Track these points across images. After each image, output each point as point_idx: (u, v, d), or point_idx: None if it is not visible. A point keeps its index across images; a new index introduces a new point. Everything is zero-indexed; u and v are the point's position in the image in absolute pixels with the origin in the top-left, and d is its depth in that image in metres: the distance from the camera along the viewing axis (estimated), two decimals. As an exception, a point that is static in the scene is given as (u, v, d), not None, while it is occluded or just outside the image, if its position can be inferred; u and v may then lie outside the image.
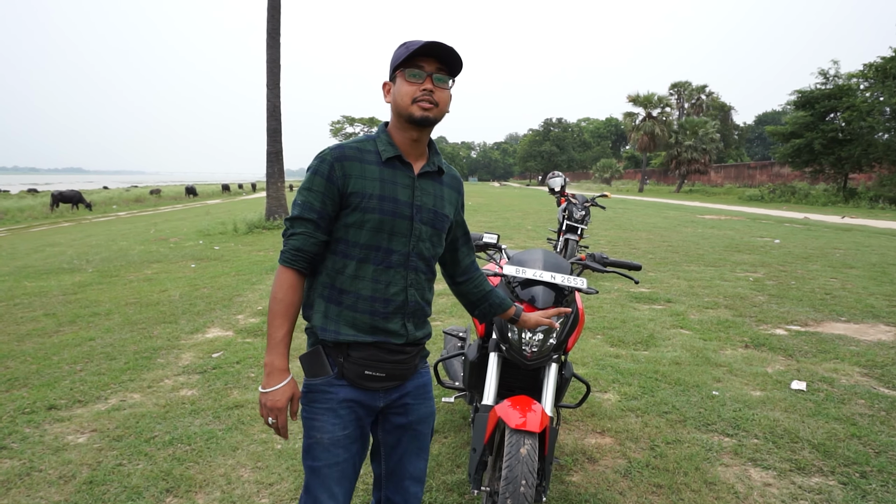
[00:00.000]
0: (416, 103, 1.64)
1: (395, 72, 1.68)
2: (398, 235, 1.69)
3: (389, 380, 1.76)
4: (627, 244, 12.37)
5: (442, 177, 1.83)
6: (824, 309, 6.52)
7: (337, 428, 1.71)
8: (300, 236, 1.66)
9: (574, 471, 3.13)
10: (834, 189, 31.06)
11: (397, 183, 1.70)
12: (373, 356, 1.71)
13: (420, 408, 1.87)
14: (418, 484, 1.92)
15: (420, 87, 1.64)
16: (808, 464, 3.17)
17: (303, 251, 1.66)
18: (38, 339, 5.55)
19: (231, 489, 2.92)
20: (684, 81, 63.10)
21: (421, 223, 1.73)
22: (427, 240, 1.75)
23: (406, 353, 1.77)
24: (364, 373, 1.71)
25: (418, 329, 1.79)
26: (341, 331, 1.68)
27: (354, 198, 1.65)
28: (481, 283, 2.05)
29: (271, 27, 15.72)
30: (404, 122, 1.69)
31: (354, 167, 1.66)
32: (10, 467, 3.14)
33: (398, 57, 1.66)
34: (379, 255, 1.68)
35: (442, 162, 1.83)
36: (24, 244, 14.35)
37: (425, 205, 1.74)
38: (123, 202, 37.11)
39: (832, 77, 31.28)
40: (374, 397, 1.76)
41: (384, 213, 1.66)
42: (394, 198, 1.68)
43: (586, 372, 4.57)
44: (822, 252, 10.95)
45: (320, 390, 1.72)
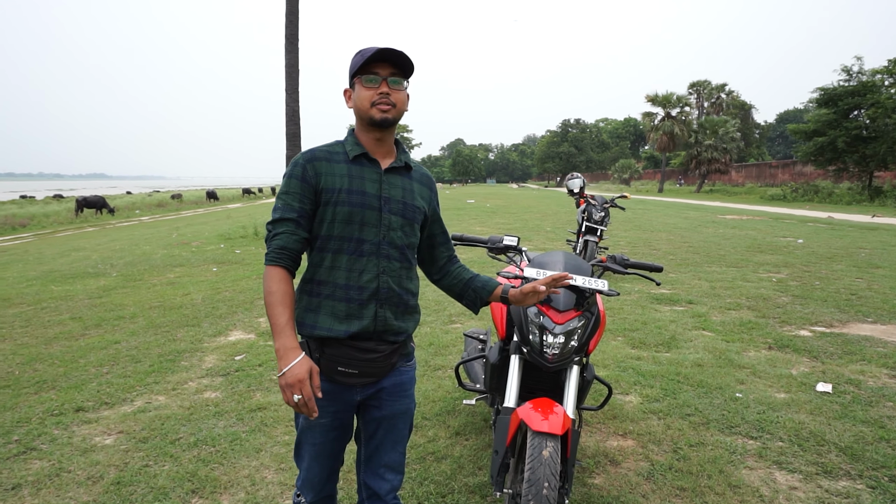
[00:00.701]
0: (374, 106, 1.78)
1: (354, 79, 1.82)
2: (368, 225, 1.81)
3: (362, 377, 1.85)
4: (647, 245, 12.28)
5: (410, 173, 1.94)
6: (850, 310, 6.42)
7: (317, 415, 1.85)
8: (283, 235, 1.78)
9: (596, 473, 3.12)
10: (858, 188, 30.53)
11: (365, 178, 1.83)
12: (345, 354, 1.81)
13: (395, 405, 1.95)
14: (394, 473, 2.00)
15: (377, 91, 1.77)
16: (835, 467, 3.12)
17: (287, 249, 1.78)
18: (66, 342, 5.66)
19: (255, 490, 2.96)
20: (703, 80, 62.46)
21: (390, 213, 1.84)
22: (398, 229, 1.85)
23: (378, 352, 1.85)
24: (337, 369, 1.82)
25: (397, 318, 1.87)
26: (318, 323, 1.80)
27: (325, 193, 1.79)
28: (460, 274, 2.11)
29: (289, 32, 15.85)
30: (366, 124, 1.82)
31: (324, 166, 1.81)
32: (39, 468, 3.20)
33: (354, 64, 1.79)
34: (351, 245, 1.80)
35: (410, 160, 1.95)
36: (50, 249, 14.63)
37: (394, 196, 1.86)
38: (146, 207, 37.65)
39: (856, 74, 30.75)
40: (350, 391, 1.88)
41: (353, 204, 1.79)
42: (361, 190, 1.81)
43: (608, 374, 4.54)
44: (847, 252, 10.77)
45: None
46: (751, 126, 64.11)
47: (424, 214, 1.96)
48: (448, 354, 5.06)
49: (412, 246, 1.93)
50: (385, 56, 1.76)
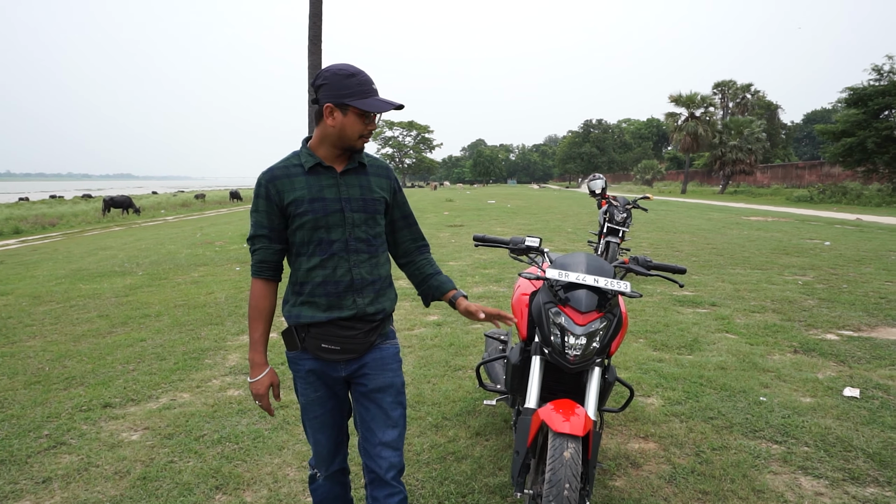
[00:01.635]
0: (361, 138, 1.97)
1: (349, 106, 1.91)
2: (334, 227, 1.98)
3: (344, 353, 2.04)
4: (670, 246, 12.16)
5: (366, 169, 2.09)
6: (878, 313, 6.29)
7: (309, 391, 2.11)
8: (260, 250, 2.03)
9: (618, 475, 3.10)
10: (889, 189, 29.84)
11: (323, 185, 1.99)
12: (327, 332, 2.01)
13: (378, 378, 2.09)
14: (391, 450, 2.09)
15: (367, 126, 1.96)
16: (862, 473, 3.07)
17: (266, 262, 2.04)
18: (93, 339, 5.77)
19: (278, 487, 2.99)
20: (728, 80, 61.61)
21: (352, 211, 2.01)
22: (362, 224, 2.03)
23: (356, 329, 2.03)
24: (321, 346, 2.02)
25: (371, 304, 2.05)
26: (301, 314, 2.02)
27: (291, 207, 1.96)
28: (423, 267, 2.28)
29: (313, 34, 15.98)
30: (339, 145, 1.98)
31: (284, 183, 1.97)
32: (69, 462, 3.28)
33: (352, 92, 1.90)
34: (322, 247, 1.99)
35: (364, 157, 2.09)
36: (78, 248, 14.92)
37: (353, 196, 2.02)
38: (171, 207, 38.21)
39: (887, 73, 30.10)
40: (335, 367, 2.07)
41: (316, 212, 1.96)
42: (321, 197, 1.97)
43: (629, 376, 4.51)
44: (877, 254, 10.56)
45: (293, 361, 2.11)
46: (777, 126, 63.09)
47: (385, 203, 2.12)
48: (469, 355, 5.07)
49: (378, 235, 2.10)
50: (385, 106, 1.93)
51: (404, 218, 2.25)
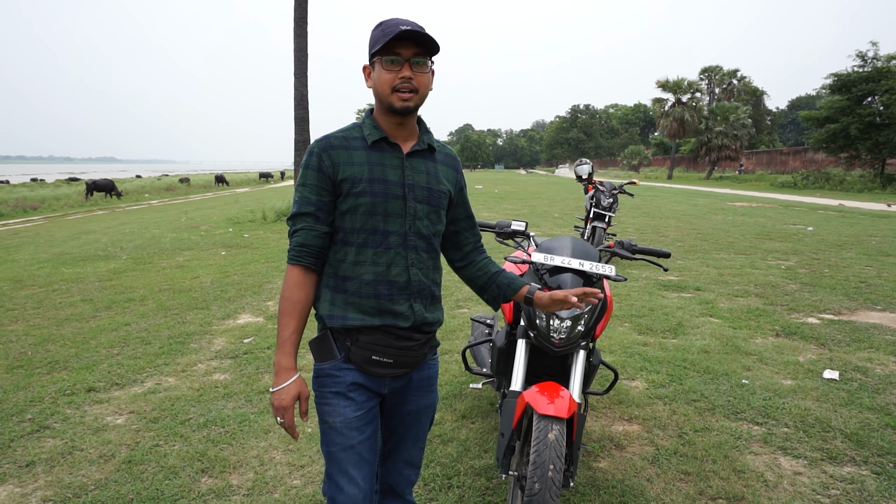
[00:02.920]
0: (395, 93, 1.64)
1: (374, 57, 1.66)
2: (393, 216, 1.69)
3: (397, 367, 1.75)
4: (656, 232, 12.23)
5: (434, 154, 1.82)
6: (859, 297, 6.39)
7: (349, 410, 1.71)
8: (302, 231, 1.69)
9: (601, 457, 3.14)
10: (871, 175, 30.20)
11: (386, 164, 1.70)
12: (380, 341, 1.70)
13: (421, 399, 1.86)
14: (412, 469, 1.95)
15: (398, 74, 1.63)
16: (840, 453, 3.13)
17: (307, 246, 1.68)
18: (77, 323, 5.72)
19: (264, 470, 3.00)
20: (715, 66, 61.68)
21: (415, 201, 1.72)
22: (424, 217, 1.74)
23: (414, 340, 1.75)
24: (371, 358, 1.71)
25: (427, 311, 1.77)
26: (349, 316, 1.69)
27: (345, 184, 1.67)
28: (486, 266, 1.99)
29: (298, 16, 15.78)
30: (385, 109, 1.70)
31: (341, 155, 1.68)
32: (53, 446, 3.26)
33: (375, 41, 1.64)
34: (377, 238, 1.69)
35: (434, 140, 1.82)
36: (60, 232, 14.74)
37: (418, 182, 1.73)
38: (155, 191, 37.80)
39: (870, 59, 30.30)
40: (379, 383, 1.76)
41: (375, 194, 1.67)
42: (384, 179, 1.69)
43: (614, 359, 4.56)
44: (858, 240, 10.70)
45: (329, 374, 1.73)
46: (762, 112, 63.42)
47: (449, 198, 1.85)
48: (455, 339, 5.09)
49: (438, 234, 1.82)
50: (408, 34, 1.60)
51: (468, 218, 1.98)
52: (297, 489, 2.84)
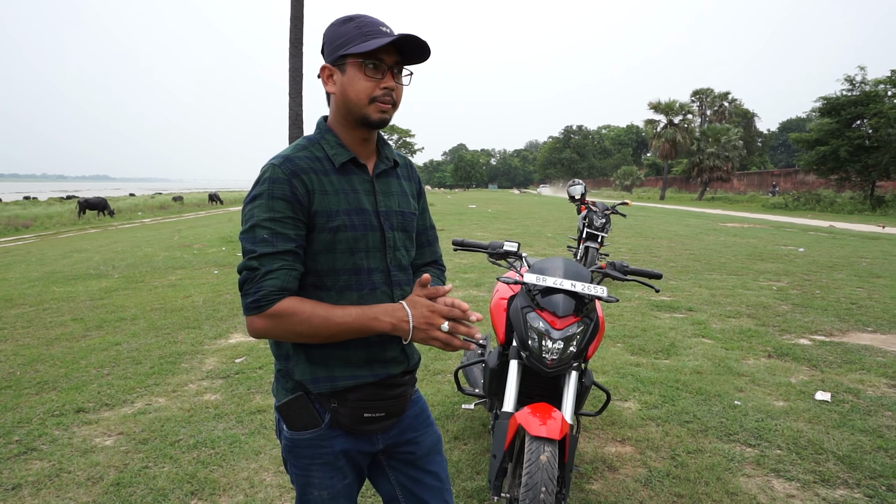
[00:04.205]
0: (374, 103, 1.39)
1: (346, 58, 1.39)
2: (373, 251, 1.46)
3: (389, 418, 1.54)
4: (648, 252, 12.29)
5: (397, 170, 1.59)
6: (850, 319, 6.42)
7: (336, 481, 1.51)
8: (280, 272, 1.33)
9: (594, 479, 3.13)
10: (861, 197, 30.53)
11: (358, 190, 1.45)
12: (372, 395, 1.48)
13: (426, 437, 1.65)
14: None
15: (380, 83, 1.38)
16: (832, 476, 3.13)
17: (287, 290, 1.34)
18: (67, 343, 5.68)
19: (254, 493, 2.97)
20: (706, 88, 62.55)
21: (392, 230, 1.49)
22: (401, 247, 1.53)
23: (404, 385, 1.56)
24: (363, 416, 1.48)
25: (414, 352, 1.60)
26: (336, 376, 1.44)
27: (319, 218, 1.39)
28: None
29: (294, 37, 15.92)
30: (354, 121, 1.44)
31: (313, 180, 1.39)
32: (40, 468, 3.22)
33: (348, 39, 1.38)
34: (360, 279, 1.44)
35: (392, 152, 1.59)
36: (52, 250, 14.67)
37: (391, 208, 1.51)
38: (148, 209, 37.72)
39: (859, 83, 30.82)
40: (371, 441, 1.55)
41: (356, 228, 1.42)
42: (360, 208, 1.44)
43: (606, 380, 4.55)
44: (848, 261, 10.78)
45: (311, 445, 1.48)
46: (753, 134, 64.21)
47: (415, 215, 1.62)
48: (447, 359, 5.07)
49: (412, 259, 1.62)
50: (406, 40, 1.37)
51: (427, 231, 1.70)
52: (287, 512, 2.81)
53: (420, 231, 1.67)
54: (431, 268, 1.70)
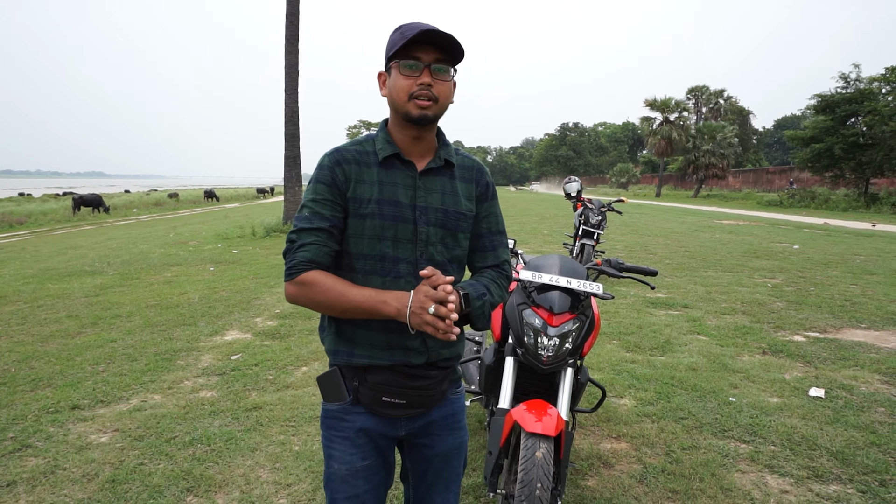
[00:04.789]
0: (412, 100, 1.48)
1: (390, 62, 1.51)
2: (403, 241, 1.53)
3: (411, 407, 1.59)
4: (644, 249, 12.31)
5: (453, 170, 1.64)
6: (844, 315, 6.45)
7: (356, 458, 1.58)
8: (312, 246, 1.48)
9: (589, 475, 3.14)
10: (855, 194, 30.65)
11: (397, 184, 1.54)
12: (391, 381, 1.55)
13: (447, 439, 1.69)
14: None
15: (417, 80, 1.47)
16: (825, 471, 3.15)
17: (317, 262, 1.47)
18: (62, 340, 5.66)
19: (250, 489, 2.97)
20: (702, 86, 62.64)
21: (427, 225, 1.55)
22: (438, 243, 1.57)
23: (429, 378, 1.59)
24: (381, 399, 1.56)
25: (444, 347, 1.60)
26: (355, 352, 1.55)
27: (353, 204, 1.52)
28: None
29: (290, 33, 15.88)
30: (401, 119, 1.54)
31: (354, 170, 1.53)
32: (35, 465, 3.21)
33: (393, 45, 1.49)
34: (385, 266, 1.53)
35: (454, 154, 1.65)
36: (47, 247, 14.61)
37: (431, 204, 1.56)
38: (143, 206, 37.61)
39: (853, 81, 30.90)
40: (394, 425, 1.62)
41: (384, 217, 1.51)
42: (394, 200, 1.53)
43: (602, 377, 4.56)
44: (843, 258, 10.82)
45: (337, 417, 1.60)
46: (748, 132, 64.29)
47: (473, 217, 1.66)
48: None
49: (457, 259, 1.63)
50: (429, 38, 1.45)
51: (490, 235, 1.70)
52: (283, 508, 2.81)
53: (481, 234, 1.70)
54: (491, 270, 1.70)
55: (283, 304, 7.11)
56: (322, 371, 4.65)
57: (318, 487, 2.98)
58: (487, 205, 1.70)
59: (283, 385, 4.40)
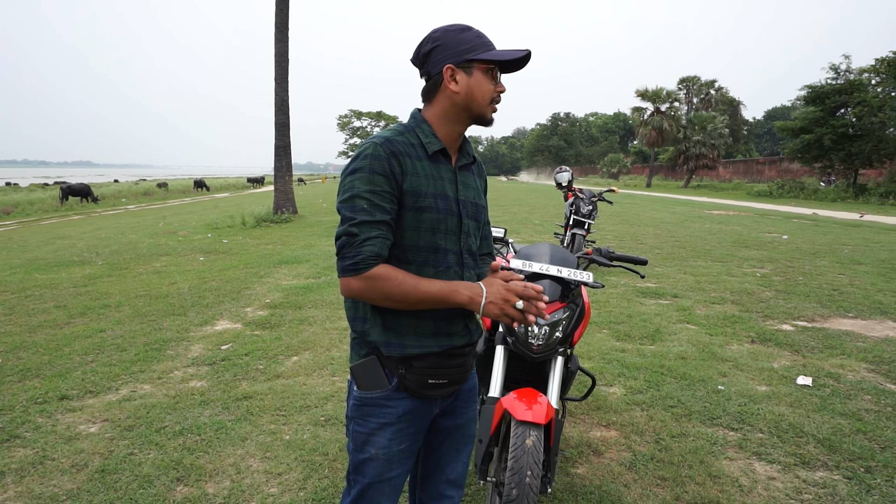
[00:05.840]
0: (491, 104, 1.60)
1: (472, 62, 1.56)
2: (451, 234, 1.62)
3: (451, 385, 1.69)
4: (634, 239, 12.35)
5: (474, 167, 1.76)
6: (832, 305, 6.51)
7: (394, 444, 1.63)
8: (377, 241, 1.47)
9: (579, 463, 3.16)
10: (844, 185, 30.85)
11: (444, 178, 1.61)
12: (436, 363, 1.62)
13: (468, 410, 1.82)
14: (455, 488, 1.84)
15: (496, 88, 1.60)
16: (812, 458, 3.18)
17: (382, 256, 1.48)
18: (50, 330, 5.62)
19: (240, 478, 2.97)
20: (693, 76, 62.67)
21: (468, 218, 1.66)
22: (473, 234, 1.69)
23: (465, 355, 1.71)
24: (428, 382, 1.62)
25: (476, 328, 1.75)
26: (406, 343, 1.58)
27: (409, 197, 1.53)
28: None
29: (279, 21, 15.73)
30: (466, 118, 1.61)
31: (407, 163, 1.54)
32: (23, 456, 3.19)
33: (473, 46, 1.56)
34: (438, 257, 1.59)
35: (473, 151, 1.77)
36: (34, 237, 14.48)
37: (468, 198, 1.67)
38: (132, 195, 37.31)
39: (843, 72, 31.02)
40: (432, 405, 1.69)
41: (439, 211, 1.58)
42: (444, 194, 1.60)
43: (592, 366, 4.59)
44: (831, 248, 10.91)
45: (377, 404, 1.61)
46: (739, 122, 64.46)
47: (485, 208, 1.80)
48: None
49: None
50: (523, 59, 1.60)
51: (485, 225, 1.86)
52: (273, 497, 2.81)
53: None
54: (487, 257, 1.87)
55: (274, 294, 7.09)
56: (313, 361, 4.66)
57: (309, 476, 2.98)
58: (485, 197, 1.83)
59: (273, 375, 4.40)
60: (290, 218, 16.44)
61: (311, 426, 3.54)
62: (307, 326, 5.68)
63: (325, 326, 5.67)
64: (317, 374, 4.41)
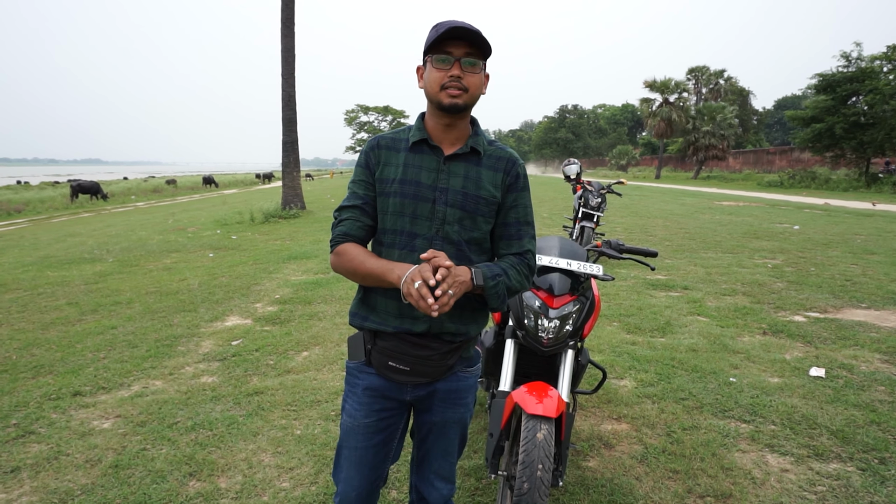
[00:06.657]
0: (444, 90, 1.63)
1: (426, 56, 1.68)
2: (421, 219, 1.69)
3: (415, 375, 1.73)
4: (644, 231, 12.29)
5: (480, 158, 1.75)
6: (844, 295, 6.45)
7: (359, 415, 1.78)
8: (347, 221, 1.72)
9: (591, 456, 3.15)
10: (855, 174, 30.53)
11: (421, 167, 1.71)
12: (396, 347, 1.71)
13: (446, 412, 1.83)
14: (445, 482, 1.93)
15: (448, 73, 1.62)
16: (826, 450, 3.16)
17: (349, 235, 1.71)
18: (62, 327, 5.66)
19: (252, 473, 2.98)
20: (702, 66, 62.13)
21: (445, 206, 1.69)
22: (455, 223, 1.69)
23: (431, 349, 1.71)
24: (388, 363, 1.73)
25: (453, 320, 1.70)
26: (369, 317, 1.74)
27: (379, 184, 1.72)
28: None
29: (286, 16, 15.72)
30: (435, 108, 1.69)
31: (384, 154, 1.74)
32: (38, 451, 3.22)
33: (428, 41, 1.65)
34: (403, 240, 1.70)
35: (484, 144, 1.77)
36: (45, 235, 14.59)
37: (453, 187, 1.70)
38: (141, 192, 37.50)
39: (855, 60, 30.62)
40: (400, 390, 1.78)
41: (404, 196, 1.68)
42: (415, 181, 1.69)
43: (602, 359, 4.57)
44: (843, 238, 10.81)
45: (352, 373, 1.82)
46: (749, 112, 63.92)
47: (497, 204, 1.75)
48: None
49: (475, 241, 1.74)
50: (459, 34, 1.60)
51: (516, 224, 1.79)
52: (286, 492, 2.83)
53: (509, 223, 1.79)
54: (513, 257, 1.78)
55: (283, 289, 7.11)
56: (323, 356, 4.69)
57: (321, 471, 2.99)
58: (517, 195, 1.79)
59: (283, 370, 4.41)
60: (299, 213, 16.47)
61: (322, 421, 3.55)
62: (317, 322, 5.69)
63: (334, 321, 5.68)
64: (327, 369, 4.42)
